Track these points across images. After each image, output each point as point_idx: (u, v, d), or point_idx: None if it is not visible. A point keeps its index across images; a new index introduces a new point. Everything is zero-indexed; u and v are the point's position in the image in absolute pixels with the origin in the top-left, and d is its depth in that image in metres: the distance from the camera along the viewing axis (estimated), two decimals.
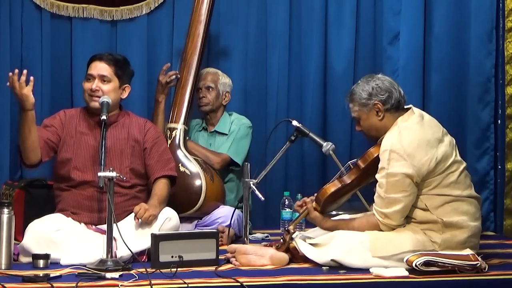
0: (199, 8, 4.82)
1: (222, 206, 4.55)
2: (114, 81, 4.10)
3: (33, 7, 4.91)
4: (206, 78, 4.84)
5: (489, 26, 5.15)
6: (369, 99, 3.78)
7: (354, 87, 3.87)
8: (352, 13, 5.29)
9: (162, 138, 4.32)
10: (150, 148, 4.15)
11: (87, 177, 4.00)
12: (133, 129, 4.16)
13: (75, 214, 3.99)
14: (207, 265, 3.67)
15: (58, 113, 4.23)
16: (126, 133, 4.14)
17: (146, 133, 4.17)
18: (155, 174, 4.12)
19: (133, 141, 4.13)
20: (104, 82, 4.07)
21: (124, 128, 4.15)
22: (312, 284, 3.38)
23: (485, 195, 5.13)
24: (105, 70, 4.08)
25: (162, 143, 4.25)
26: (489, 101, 5.17)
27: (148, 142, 4.16)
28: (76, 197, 4.01)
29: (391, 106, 3.79)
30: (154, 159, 4.14)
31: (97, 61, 4.12)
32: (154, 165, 4.13)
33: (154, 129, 4.27)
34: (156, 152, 4.16)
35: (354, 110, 3.85)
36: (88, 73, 4.11)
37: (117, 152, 4.07)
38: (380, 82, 3.82)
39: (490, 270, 3.62)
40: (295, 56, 5.31)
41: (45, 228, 3.79)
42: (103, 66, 4.09)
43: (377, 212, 3.72)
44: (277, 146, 4.53)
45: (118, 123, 4.15)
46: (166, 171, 4.14)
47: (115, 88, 4.10)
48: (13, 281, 3.30)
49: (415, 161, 3.66)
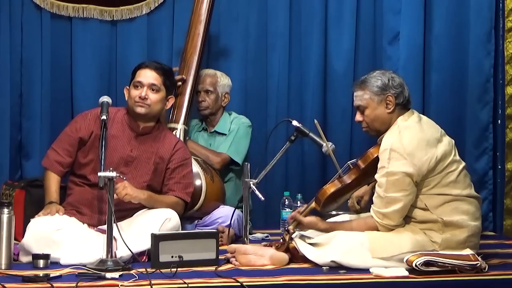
0: (199, 8, 4.82)
1: (222, 206, 4.55)
2: (162, 91, 4.08)
3: (33, 7, 4.91)
4: (204, 81, 4.83)
5: (489, 26, 5.15)
6: (384, 89, 3.78)
7: (367, 76, 3.85)
8: (352, 13, 5.29)
9: (189, 162, 4.23)
10: (174, 169, 4.11)
11: None
12: (162, 146, 4.12)
13: (81, 213, 3.98)
14: (207, 265, 3.67)
15: (91, 112, 4.11)
16: (155, 148, 4.10)
17: (174, 153, 4.12)
18: (170, 193, 4.08)
19: (158, 158, 4.09)
20: (153, 91, 4.05)
21: (154, 143, 4.11)
22: (312, 284, 3.39)
23: (484, 195, 5.12)
24: (155, 79, 4.06)
25: (187, 167, 4.18)
26: (488, 101, 5.17)
27: (173, 162, 4.11)
28: (88, 196, 4.00)
29: (401, 102, 3.80)
30: (173, 180, 4.10)
31: (147, 69, 4.08)
32: (172, 185, 4.10)
33: (183, 150, 4.20)
34: (178, 174, 4.12)
35: (364, 98, 3.82)
36: (137, 80, 4.06)
37: (141, 165, 4.05)
38: (395, 76, 3.84)
39: (490, 270, 3.62)
40: (295, 56, 5.31)
41: (45, 227, 3.78)
42: (153, 74, 4.06)
43: (376, 213, 3.72)
44: (277, 146, 4.53)
45: (150, 135, 4.11)
46: (182, 194, 4.10)
47: (162, 98, 4.08)
48: (13, 281, 3.30)
49: (415, 160, 3.66)
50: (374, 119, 3.82)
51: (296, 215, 3.86)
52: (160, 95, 4.08)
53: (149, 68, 4.09)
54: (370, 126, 3.85)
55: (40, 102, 4.89)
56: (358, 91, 3.85)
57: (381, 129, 3.82)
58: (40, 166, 4.67)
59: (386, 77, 3.80)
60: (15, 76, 4.89)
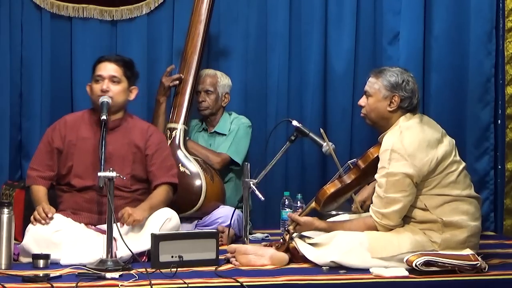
0: (199, 8, 4.82)
1: (222, 206, 4.55)
2: (123, 82, 4.08)
3: (33, 7, 4.91)
4: (205, 81, 4.83)
5: (489, 26, 5.15)
6: (394, 88, 3.77)
7: (387, 68, 3.86)
8: (352, 13, 5.29)
9: (165, 144, 4.28)
10: (152, 154, 4.12)
11: (88, 182, 4.00)
12: (135, 135, 4.13)
13: (75, 214, 3.99)
14: (207, 265, 3.67)
15: (58, 123, 4.16)
16: (128, 139, 4.10)
17: (148, 138, 4.13)
18: (156, 180, 4.09)
19: (135, 147, 4.10)
20: (114, 83, 4.05)
21: (126, 133, 4.11)
22: (312, 284, 3.39)
23: (485, 195, 5.13)
24: (115, 71, 4.06)
25: (165, 149, 4.21)
26: (489, 101, 5.17)
27: (150, 148, 4.12)
28: (77, 199, 4.01)
29: (405, 106, 3.79)
30: (155, 165, 4.11)
31: (106, 62, 4.09)
32: (155, 171, 4.10)
33: (157, 134, 4.23)
34: (158, 158, 4.12)
35: (374, 86, 3.81)
36: (98, 74, 4.07)
37: (119, 158, 4.04)
38: (411, 79, 3.81)
39: (490, 270, 3.62)
40: (295, 56, 5.31)
41: (45, 229, 3.78)
42: (112, 67, 4.07)
43: (375, 213, 3.72)
44: (277, 146, 4.53)
45: (121, 127, 4.12)
46: (168, 178, 4.12)
47: (124, 89, 4.08)
48: (13, 281, 3.30)
49: (416, 161, 3.66)
50: (373, 110, 3.82)
51: (293, 215, 3.85)
52: (122, 86, 4.07)
53: (108, 61, 4.09)
54: (368, 114, 3.85)
55: (40, 102, 4.89)
56: (372, 77, 3.85)
57: (376, 121, 3.83)
58: None
59: (402, 77, 3.79)
60: (15, 76, 4.90)
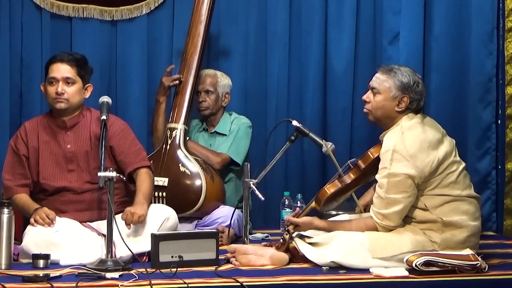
0: (199, 8, 4.82)
1: (222, 206, 4.55)
2: (78, 82, 4.01)
3: (33, 7, 4.91)
4: (205, 81, 4.82)
5: (490, 26, 5.15)
6: (406, 89, 3.75)
7: (397, 66, 3.81)
8: (352, 13, 5.29)
9: (128, 130, 4.14)
10: (117, 144, 4.04)
11: (58, 184, 3.97)
12: (95, 127, 4.03)
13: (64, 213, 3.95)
14: (207, 265, 3.67)
15: (19, 131, 4.10)
16: (89, 133, 4.03)
17: (109, 129, 3.96)
18: (128, 168, 4.02)
19: (96, 140, 3.99)
20: (68, 84, 3.97)
21: (85, 129, 4.04)
22: (312, 284, 3.38)
23: (487, 195, 5.12)
24: (68, 72, 3.98)
25: (128, 135, 4.11)
26: (490, 101, 5.16)
27: (113, 138, 4.03)
28: (55, 204, 3.96)
29: (413, 108, 3.77)
30: (123, 154, 4.04)
31: (59, 63, 4.00)
32: (124, 159, 4.03)
33: (116, 122, 4.11)
34: (123, 146, 4.05)
35: (383, 84, 3.77)
36: (51, 76, 3.99)
37: (83, 155, 4.00)
38: (421, 84, 3.79)
39: (490, 270, 3.62)
40: (295, 56, 5.31)
41: (44, 230, 3.78)
42: (65, 68, 3.99)
43: (375, 213, 3.71)
44: (277, 146, 4.52)
45: (79, 124, 4.04)
46: (139, 163, 4.05)
47: (79, 89, 4.01)
48: (13, 281, 3.30)
49: (418, 162, 3.65)
50: (380, 108, 3.79)
51: (290, 218, 3.85)
52: (77, 87, 4.00)
53: (61, 61, 4.00)
54: (373, 111, 3.81)
55: (40, 102, 4.89)
56: (382, 75, 3.80)
57: (381, 120, 3.81)
58: None
59: (413, 79, 3.76)
60: (15, 76, 4.90)
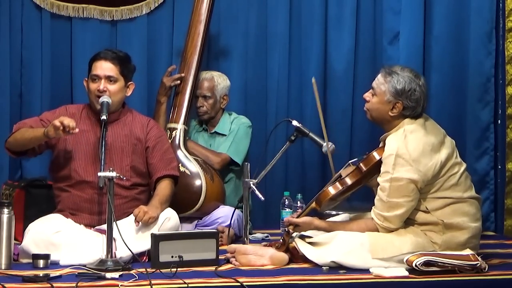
0: (199, 7, 4.82)
1: (222, 206, 4.55)
2: (120, 80, 4.05)
3: (33, 7, 4.91)
4: (202, 86, 4.80)
5: (489, 26, 5.15)
6: (399, 95, 3.72)
7: (398, 69, 3.76)
8: (352, 13, 5.29)
9: (165, 137, 4.29)
10: (153, 147, 4.12)
11: (87, 177, 3.97)
12: (135, 127, 4.13)
13: (74, 215, 3.97)
14: (207, 265, 3.67)
15: (59, 109, 4.15)
16: (128, 131, 4.10)
17: (148, 131, 4.13)
18: (157, 173, 4.09)
19: (135, 139, 4.09)
20: (110, 82, 4.01)
21: (126, 126, 4.11)
22: (312, 284, 3.38)
23: (485, 195, 5.12)
24: (111, 71, 4.02)
25: (165, 142, 4.23)
26: (489, 101, 5.16)
27: (151, 140, 4.13)
28: (75, 199, 3.98)
29: (408, 114, 3.76)
30: (156, 157, 4.11)
31: (102, 60, 4.04)
32: (156, 164, 4.10)
33: (157, 128, 4.25)
34: (158, 151, 4.13)
35: (380, 87, 3.76)
36: (94, 73, 4.03)
37: (118, 150, 4.04)
38: (418, 89, 3.73)
39: (490, 270, 3.62)
40: (295, 56, 5.31)
41: (44, 230, 3.77)
42: (108, 66, 4.03)
43: (377, 215, 3.71)
44: (277, 146, 4.53)
45: (120, 120, 4.11)
46: (169, 171, 4.12)
47: (121, 88, 4.06)
48: (13, 281, 3.30)
49: (421, 167, 3.65)
50: (375, 109, 3.79)
51: (290, 219, 3.84)
52: (119, 85, 4.04)
53: (104, 59, 4.04)
54: (370, 111, 3.83)
55: (40, 102, 4.89)
56: (382, 77, 3.78)
57: (376, 120, 3.82)
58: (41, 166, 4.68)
59: (410, 85, 3.71)
60: (15, 76, 4.90)
